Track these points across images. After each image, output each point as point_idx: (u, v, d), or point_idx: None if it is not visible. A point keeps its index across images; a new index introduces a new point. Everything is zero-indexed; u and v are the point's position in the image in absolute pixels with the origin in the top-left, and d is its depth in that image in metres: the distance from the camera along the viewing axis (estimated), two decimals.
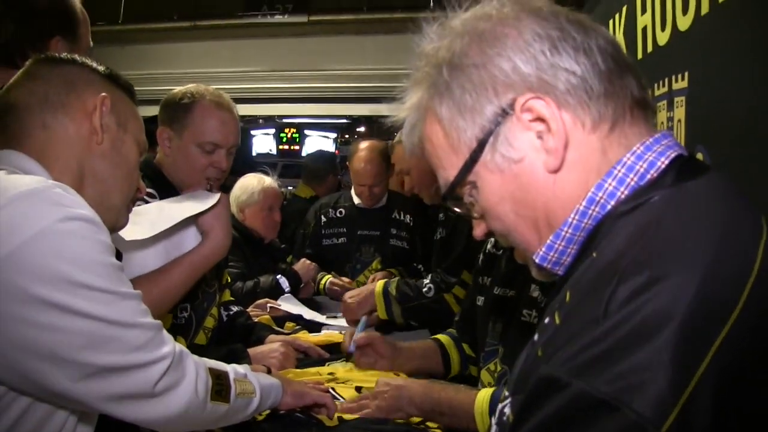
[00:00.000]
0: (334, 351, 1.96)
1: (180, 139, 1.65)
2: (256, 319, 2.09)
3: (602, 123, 0.68)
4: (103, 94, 1.05)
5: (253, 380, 1.18)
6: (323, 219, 3.09)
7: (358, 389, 1.67)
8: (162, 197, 1.60)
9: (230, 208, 1.62)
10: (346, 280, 2.89)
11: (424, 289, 2.21)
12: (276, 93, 3.66)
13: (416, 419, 1.50)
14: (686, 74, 1.23)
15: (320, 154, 4.42)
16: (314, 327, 2.26)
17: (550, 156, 0.68)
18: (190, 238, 1.54)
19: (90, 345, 0.85)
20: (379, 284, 2.29)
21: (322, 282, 2.85)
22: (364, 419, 1.44)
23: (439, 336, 1.85)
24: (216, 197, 1.56)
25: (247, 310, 2.18)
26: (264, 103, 3.80)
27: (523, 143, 0.69)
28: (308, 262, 2.79)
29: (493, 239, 1.62)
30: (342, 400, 1.53)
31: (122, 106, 1.10)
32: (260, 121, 7.22)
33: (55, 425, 0.92)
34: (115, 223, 1.10)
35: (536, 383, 0.56)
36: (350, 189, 3.11)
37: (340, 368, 1.84)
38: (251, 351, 1.71)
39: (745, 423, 0.49)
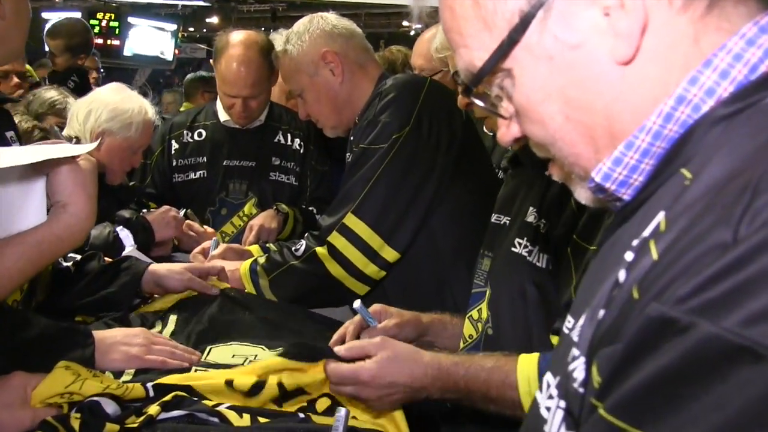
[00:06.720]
0: None
1: None
2: None
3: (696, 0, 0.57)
4: None
5: None
6: (174, 145, 2.40)
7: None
8: None
9: (97, 174, 1.20)
10: (208, 229, 2.24)
11: (295, 247, 1.70)
12: None
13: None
14: None
15: None
16: None
17: (621, 41, 0.57)
18: (31, 204, 1.17)
19: None
20: (245, 263, 1.74)
21: None
22: (280, 420, 1.23)
23: None
24: (90, 147, 1.19)
25: None
26: None
27: (584, 23, 0.58)
28: (171, 210, 2.11)
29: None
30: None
31: None
32: (58, 0, 5.49)
33: None
34: None
35: (643, 327, 0.49)
36: (212, 102, 2.52)
37: None
38: None
39: None
